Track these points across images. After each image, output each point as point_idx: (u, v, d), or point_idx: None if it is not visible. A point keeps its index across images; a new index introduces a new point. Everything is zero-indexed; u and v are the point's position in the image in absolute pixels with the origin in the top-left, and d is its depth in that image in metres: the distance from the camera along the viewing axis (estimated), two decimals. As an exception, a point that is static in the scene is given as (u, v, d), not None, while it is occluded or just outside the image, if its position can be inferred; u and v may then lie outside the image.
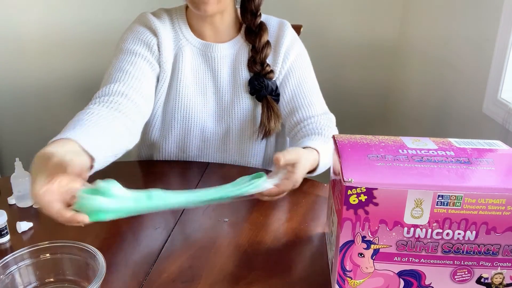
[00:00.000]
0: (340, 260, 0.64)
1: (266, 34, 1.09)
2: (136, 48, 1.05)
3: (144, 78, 1.02)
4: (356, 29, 1.99)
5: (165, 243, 0.81)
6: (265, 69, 1.09)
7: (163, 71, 1.08)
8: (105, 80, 1.01)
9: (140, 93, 1.00)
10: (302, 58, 1.14)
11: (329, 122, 1.09)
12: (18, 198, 0.91)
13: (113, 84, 0.97)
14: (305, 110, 1.10)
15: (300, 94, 1.11)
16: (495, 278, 0.63)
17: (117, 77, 0.99)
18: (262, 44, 1.08)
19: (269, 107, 1.09)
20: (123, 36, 1.09)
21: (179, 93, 1.09)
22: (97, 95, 0.96)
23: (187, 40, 1.10)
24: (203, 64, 1.11)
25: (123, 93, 0.96)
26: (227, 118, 1.13)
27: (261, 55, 1.08)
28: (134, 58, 1.03)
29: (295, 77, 1.11)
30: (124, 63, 1.02)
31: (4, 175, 2.01)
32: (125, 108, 0.94)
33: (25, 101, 2.02)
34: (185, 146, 1.14)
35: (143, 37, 1.06)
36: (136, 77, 1.00)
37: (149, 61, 1.05)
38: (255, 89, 1.10)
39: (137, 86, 1.00)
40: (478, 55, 1.40)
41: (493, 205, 0.58)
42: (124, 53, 1.04)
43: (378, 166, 0.62)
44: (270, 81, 1.09)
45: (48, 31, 1.93)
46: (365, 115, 2.13)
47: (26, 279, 0.68)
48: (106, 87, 0.97)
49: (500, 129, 1.28)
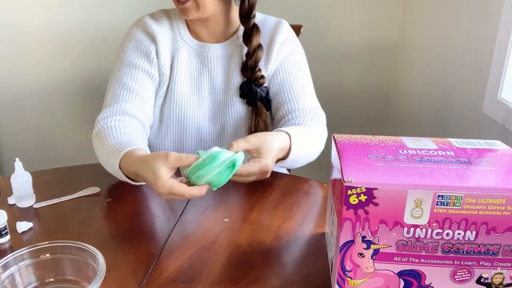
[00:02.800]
0: (340, 260, 0.63)
1: (259, 36, 1.09)
2: (137, 60, 1.09)
3: (146, 95, 1.08)
4: (356, 29, 1.99)
5: (165, 243, 0.81)
6: (256, 75, 1.09)
7: (162, 74, 1.10)
8: (110, 98, 1.06)
9: (143, 112, 1.07)
10: (296, 55, 1.14)
11: (315, 116, 1.09)
12: (18, 198, 0.91)
13: (118, 104, 1.04)
14: (291, 103, 1.10)
15: (288, 88, 1.11)
16: (495, 278, 0.63)
17: (121, 96, 1.06)
18: (253, 47, 1.08)
19: (258, 113, 1.10)
20: (123, 44, 1.11)
21: (175, 93, 1.10)
22: (104, 116, 1.03)
23: (184, 41, 1.11)
24: (199, 65, 1.12)
25: (129, 114, 1.04)
26: (222, 118, 1.13)
27: (251, 60, 1.08)
28: (135, 72, 1.08)
29: (285, 72, 1.12)
30: (126, 78, 1.07)
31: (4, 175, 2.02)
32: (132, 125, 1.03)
33: (25, 101, 2.02)
34: (181, 146, 1.14)
35: (142, 47, 1.09)
36: (139, 96, 1.07)
37: (149, 74, 1.09)
38: (245, 95, 1.11)
39: (141, 106, 1.07)
40: (478, 55, 1.40)
41: (493, 205, 0.58)
42: (125, 65, 1.09)
43: (378, 166, 0.62)
44: (260, 88, 1.10)
45: (48, 31, 1.93)
46: (365, 115, 2.13)
47: (26, 279, 0.68)
48: (112, 107, 1.04)
49: (500, 129, 1.28)
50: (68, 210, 0.91)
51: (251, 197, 0.96)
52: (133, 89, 1.06)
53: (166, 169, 0.78)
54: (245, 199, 0.96)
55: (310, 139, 1.04)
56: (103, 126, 1.00)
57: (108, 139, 0.95)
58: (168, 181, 0.77)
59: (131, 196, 0.97)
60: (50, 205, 0.92)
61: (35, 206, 0.92)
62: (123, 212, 0.91)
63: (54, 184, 1.02)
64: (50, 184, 1.01)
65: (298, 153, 0.97)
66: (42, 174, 1.05)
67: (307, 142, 1.02)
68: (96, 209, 0.92)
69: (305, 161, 1.03)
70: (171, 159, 0.78)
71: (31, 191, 0.92)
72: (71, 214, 0.89)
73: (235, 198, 0.97)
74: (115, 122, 1.01)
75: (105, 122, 1.01)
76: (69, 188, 0.98)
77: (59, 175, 1.08)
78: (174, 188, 0.77)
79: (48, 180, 1.03)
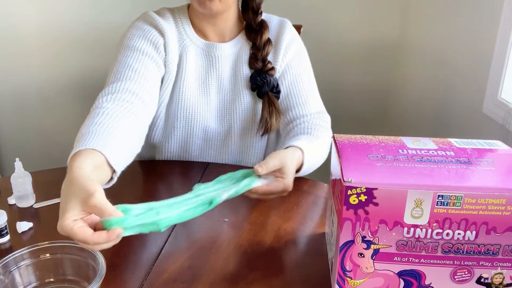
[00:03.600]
0: (340, 260, 0.64)
1: (267, 31, 1.10)
2: (143, 46, 1.02)
3: (151, 78, 1.00)
4: (356, 29, 1.99)
5: (165, 243, 0.81)
6: (267, 66, 1.09)
7: (169, 71, 1.07)
8: (113, 77, 0.97)
9: (148, 92, 0.97)
10: (301, 56, 1.14)
11: (322, 121, 1.08)
12: (18, 198, 0.91)
13: (123, 82, 0.94)
14: (298, 108, 1.09)
15: (295, 93, 1.11)
16: (495, 278, 0.63)
17: (126, 74, 0.96)
18: (263, 41, 1.09)
19: (271, 103, 1.09)
20: (127, 33, 1.06)
21: (183, 93, 1.09)
22: (106, 92, 0.92)
23: (191, 40, 1.09)
24: (206, 64, 1.11)
25: (133, 92, 0.93)
26: (229, 117, 1.13)
27: (262, 52, 1.08)
28: (141, 56, 1.01)
29: (291, 74, 1.11)
30: (131, 60, 0.99)
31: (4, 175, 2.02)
32: (135, 107, 0.91)
33: (25, 101, 2.02)
34: (187, 146, 1.14)
35: (149, 36, 1.04)
36: (144, 76, 0.98)
37: (155, 61, 1.03)
38: (257, 85, 1.09)
39: (146, 85, 0.97)
40: (478, 55, 1.40)
41: (493, 205, 0.58)
42: (130, 49, 1.01)
43: (378, 166, 0.62)
44: (272, 78, 1.09)
45: (48, 31, 1.93)
46: (365, 115, 2.13)
47: (26, 279, 0.68)
48: (115, 84, 0.94)
49: (500, 129, 1.28)
50: (68, 210, 0.91)
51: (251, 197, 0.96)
52: (139, 70, 0.97)
53: (77, 211, 0.63)
54: (245, 199, 0.96)
55: (319, 149, 1.02)
56: (99, 104, 0.88)
57: (87, 122, 0.82)
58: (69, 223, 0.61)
59: (131, 196, 0.96)
60: (50, 205, 0.92)
61: (35, 206, 0.92)
62: (123, 212, 0.90)
63: (54, 184, 1.01)
64: (50, 184, 1.01)
65: (309, 167, 0.97)
66: (42, 174, 1.05)
67: (317, 154, 1.00)
68: (96, 209, 0.91)
69: (314, 169, 1.03)
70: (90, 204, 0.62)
71: (31, 191, 0.92)
72: (71, 214, 0.89)
73: (235, 198, 0.96)
74: (112, 104, 0.88)
75: (103, 100, 0.89)
76: (69, 188, 0.98)
77: (59, 175, 1.07)
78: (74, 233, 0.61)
79: (48, 180, 1.03)
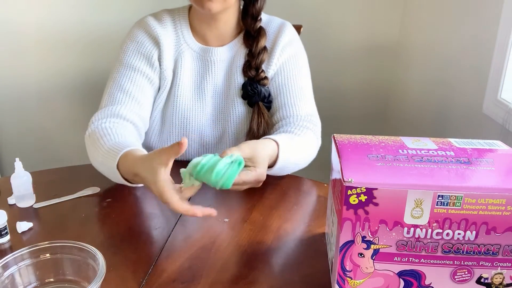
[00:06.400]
0: (340, 260, 0.64)
1: (264, 39, 1.09)
2: (137, 63, 1.07)
3: (143, 99, 1.07)
4: (356, 29, 1.99)
5: (165, 243, 0.81)
6: (260, 75, 1.09)
7: (164, 79, 1.09)
8: (107, 99, 1.05)
9: (139, 116, 1.06)
10: (297, 59, 1.13)
11: (310, 124, 1.07)
12: (18, 198, 0.91)
13: (114, 106, 1.03)
14: (287, 109, 1.08)
15: (286, 93, 1.10)
16: (495, 278, 0.63)
17: (118, 98, 1.04)
18: (259, 49, 1.08)
19: (260, 113, 1.09)
20: (124, 45, 1.10)
21: (178, 98, 1.09)
22: (100, 116, 1.02)
23: (187, 45, 1.10)
24: (202, 69, 1.11)
25: (125, 117, 1.02)
26: (223, 121, 1.13)
27: (256, 61, 1.08)
28: (134, 75, 1.06)
29: (284, 76, 1.11)
30: (124, 80, 1.06)
31: (4, 175, 2.02)
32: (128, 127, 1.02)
33: (25, 101, 2.02)
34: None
35: (143, 49, 1.08)
36: (136, 100, 1.05)
37: (149, 78, 1.08)
38: (247, 95, 1.09)
39: (137, 110, 1.05)
40: (478, 55, 1.40)
41: (493, 205, 0.58)
42: (124, 67, 1.07)
43: (378, 166, 0.62)
44: (263, 88, 1.09)
45: (48, 31, 1.93)
46: (365, 115, 2.13)
47: (26, 279, 0.68)
48: (108, 108, 1.03)
49: (500, 129, 1.28)
50: (68, 210, 0.91)
51: (251, 197, 0.96)
52: (131, 92, 1.05)
53: (164, 169, 0.76)
54: (245, 199, 0.96)
55: (300, 147, 1.02)
56: (97, 127, 0.99)
57: (104, 140, 0.94)
58: (162, 184, 0.75)
59: (131, 196, 0.97)
60: (50, 205, 0.92)
61: (35, 206, 0.92)
62: (123, 212, 0.91)
63: (54, 184, 1.02)
64: (50, 184, 1.01)
65: (286, 162, 0.96)
66: (42, 174, 1.05)
67: (296, 151, 1.00)
68: (96, 209, 0.92)
69: (294, 168, 1.02)
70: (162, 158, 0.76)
71: (31, 191, 0.92)
72: (71, 214, 0.89)
73: (235, 198, 0.97)
74: (109, 124, 0.99)
75: (99, 123, 1.00)
76: (69, 188, 0.98)
77: (59, 175, 1.08)
78: (164, 193, 0.75)
79: (48, 180, 1.03)
